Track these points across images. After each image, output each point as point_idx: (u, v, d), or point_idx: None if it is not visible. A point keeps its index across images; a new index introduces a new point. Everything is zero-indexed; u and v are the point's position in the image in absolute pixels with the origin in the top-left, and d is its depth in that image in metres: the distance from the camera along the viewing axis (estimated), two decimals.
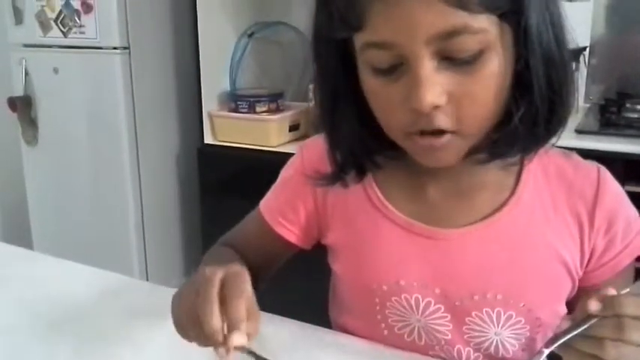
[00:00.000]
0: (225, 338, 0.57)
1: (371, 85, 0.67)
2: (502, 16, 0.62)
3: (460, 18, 0.59)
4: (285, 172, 0.90)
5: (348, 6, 0.63)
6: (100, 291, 0.95)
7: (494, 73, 0.63)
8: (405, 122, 0.66)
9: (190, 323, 0.61)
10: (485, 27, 0.61)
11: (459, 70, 0.62)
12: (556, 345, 0.60)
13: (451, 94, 0.63)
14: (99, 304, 0.91)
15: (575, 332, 0.59)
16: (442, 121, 0.64)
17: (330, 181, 0.79)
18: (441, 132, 0.65)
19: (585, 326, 0.58)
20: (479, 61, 0.62)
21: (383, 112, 0.69)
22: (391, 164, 0.78)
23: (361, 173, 0.79)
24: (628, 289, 0.61)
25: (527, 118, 0.67)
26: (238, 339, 0.57)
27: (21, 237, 2.44)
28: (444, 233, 0.76)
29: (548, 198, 0.76)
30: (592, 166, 0.77)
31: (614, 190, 0.76)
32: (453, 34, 0.60)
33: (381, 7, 0.61)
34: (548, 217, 0.75)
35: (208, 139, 2.22)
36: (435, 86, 0.62)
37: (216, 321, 0.58)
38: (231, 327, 0.57)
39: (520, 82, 0.66)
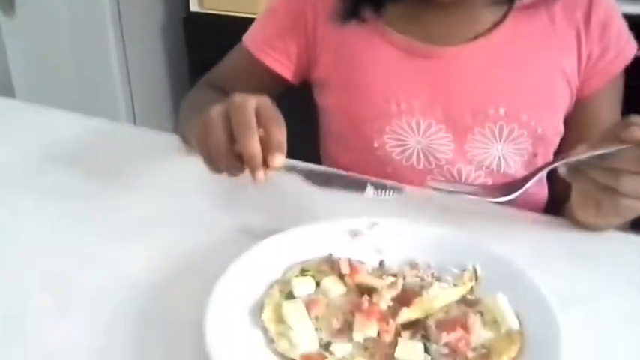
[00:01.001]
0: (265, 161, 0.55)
1: None
2: None
3: None
4: (272, 4, 0.85)
5: None
6: (85, 136, 0.91)
7: None
8: None
9: (223, 151, 0.57)
10: None
11: None
12: (567, 161, 0.58)
13: None
14: (84, 146, 0.87)
15: (591, 154, 0.56)
16: None
17: (345, 17, 0.75)
18: None
19: (604, 151, 0.55)
20: None
21: None
22: None
23: (378, 5, 0.75)
24: None
25: None
26: (281, 159, 0.55)
27: None
28: (445, 51, 0.74)
29: (544, 14, 0.75)
30: None
31: (606, 0, 0.76)
32: None
33: None
34: (546, 31, 0.75)
35: (194, 5, 2.11)
36: None
37: (257, 144, 0.54)
38: (274, 149, 0.54)
39: None
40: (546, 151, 0.78)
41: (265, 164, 0.54)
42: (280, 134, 0.55)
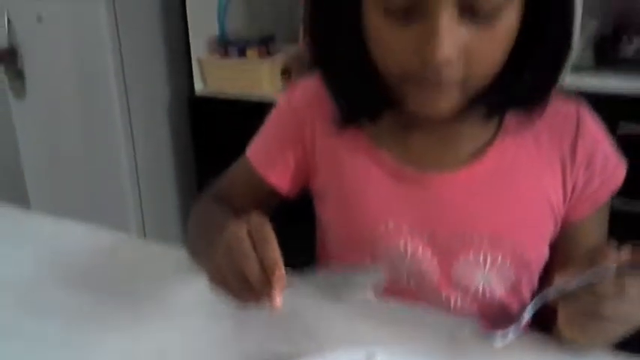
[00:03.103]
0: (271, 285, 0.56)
1: (378, 25, 0.64)
2: None
3: None
4: (272, 117, 0.88)
5: None
6: (96, 249, 0.93)
7: (510, 28, 0.62)
8: (409, 69, 0.63)
9: (237, 282, 0.59)
10: None
11: (476, 23, 0.60)
12: (558, 291, 0.61)
13: (464, 48, 0.61)
14: (94, 262, 0.89)
15: (579, 284, 0.59)
16: (450, 75, 0.62)
17: (342, 123, 0.78)
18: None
19: (587, 278, 0.58)
20: (499, 16, 0.60)
21: (386, 54, 0.65)
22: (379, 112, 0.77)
23: (374, 114, 0.76)
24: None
25: (535, 69, 0.67)
26: (282, 280, 0.56)
27: (17, 196, 2.42)
28: (431, 178, 0.76)
29: (530, 137, 0.76)
30: (571, 101, 0.77)
31: (593, 125, 0.77)
32: None
33: None
34: (531, 157, 0.75)
35: (199, 86, 2.18)
36: (451, 39, 0.59)
37: (259, 272, 0.57)
38: (272, 270, 0.56)
39: (529, 33, 0.64)
40: (531, 277, 0.79)
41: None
42: (275, 254, 0.57)
